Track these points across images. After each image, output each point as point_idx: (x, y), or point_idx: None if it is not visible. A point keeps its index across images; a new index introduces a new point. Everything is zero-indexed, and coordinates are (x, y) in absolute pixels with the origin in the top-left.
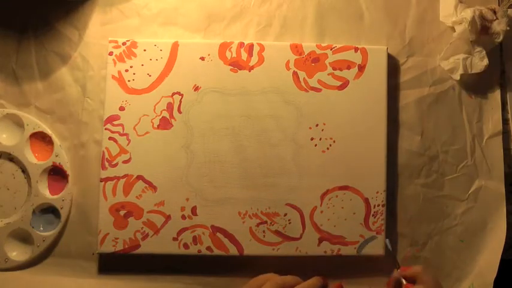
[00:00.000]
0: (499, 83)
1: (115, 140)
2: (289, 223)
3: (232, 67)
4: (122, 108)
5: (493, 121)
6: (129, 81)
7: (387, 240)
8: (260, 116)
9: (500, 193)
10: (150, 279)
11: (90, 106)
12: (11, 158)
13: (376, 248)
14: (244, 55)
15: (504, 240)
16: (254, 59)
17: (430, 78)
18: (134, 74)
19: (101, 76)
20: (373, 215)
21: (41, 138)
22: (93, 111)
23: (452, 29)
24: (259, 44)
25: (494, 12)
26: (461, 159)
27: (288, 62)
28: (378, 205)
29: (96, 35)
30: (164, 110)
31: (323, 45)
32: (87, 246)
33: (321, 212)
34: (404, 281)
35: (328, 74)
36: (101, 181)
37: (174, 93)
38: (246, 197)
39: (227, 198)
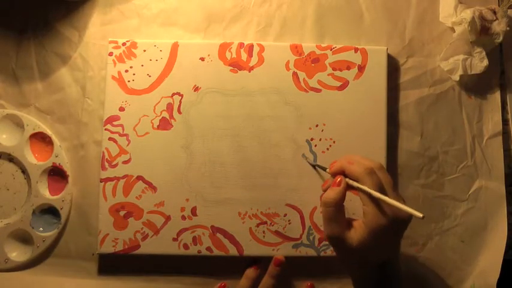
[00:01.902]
0: (499, 83)
1: (115, 141)
2: (289, 223)
3: (232, 67)
4: (121, 109)
5: (493, 122)
6: (129, 81)
7: (303, 154)
8: (260, 116)
9: (501, 194)
10: (150, 279)
11: (90, 106)
12: (11, 159)
13: None
14: (244, 55)
15: (505, 241)
16: (254, 60)
17: (430, 78)
18: (134, 74)
19: (100, 76)
20: None
21: (40, 139)
22: (93, 112)
23: (452, 29)
24: (259, 45)
25: (494, 13)
26: (461, 159)
27: (288, 62)
28: None
29: (96, 35)
30: (164, 110)
31: (323, 45)
32: (87, 247)
33: (321, 212)
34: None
35: (328, 75)
36: (100, 181)
37: (174, 94)
38: (246, 198)
39: (227, 198)
